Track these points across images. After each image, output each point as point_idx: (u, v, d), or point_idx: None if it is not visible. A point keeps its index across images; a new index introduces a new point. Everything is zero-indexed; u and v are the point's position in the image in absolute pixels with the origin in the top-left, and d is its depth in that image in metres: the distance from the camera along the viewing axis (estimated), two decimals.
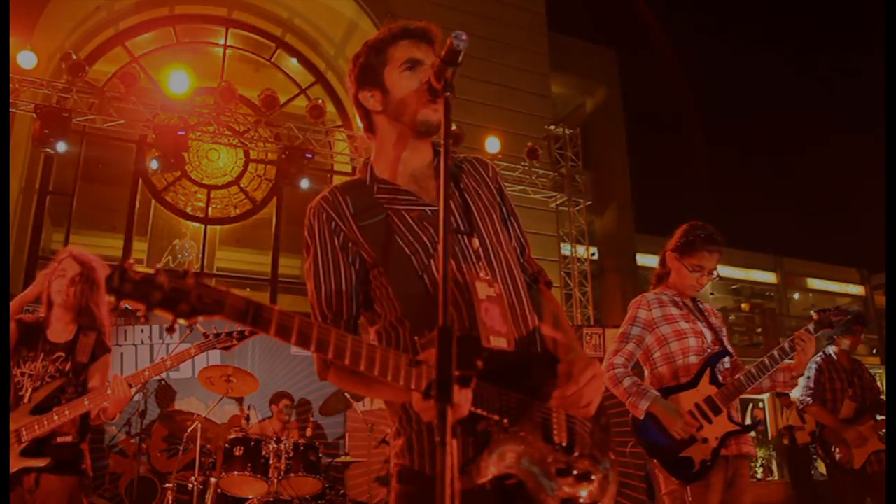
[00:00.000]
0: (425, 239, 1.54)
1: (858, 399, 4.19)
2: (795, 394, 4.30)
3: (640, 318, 2.90)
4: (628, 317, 2.96)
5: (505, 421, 1.41)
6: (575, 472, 1.50)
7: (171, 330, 1.16)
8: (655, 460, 2.81)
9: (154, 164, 7.76)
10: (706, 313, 2.99)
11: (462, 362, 1.23)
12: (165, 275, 1.11)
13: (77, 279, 2.95)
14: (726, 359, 2.86)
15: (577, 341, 1.64)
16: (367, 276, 1.59)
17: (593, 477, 1.53)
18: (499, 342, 1.46)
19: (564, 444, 1.51)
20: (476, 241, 1.58)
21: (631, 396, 2.79)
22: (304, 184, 8.22)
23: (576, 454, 1.52)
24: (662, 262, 3.02)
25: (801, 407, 4.36)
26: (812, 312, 2.96)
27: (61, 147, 7.22)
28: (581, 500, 1.50)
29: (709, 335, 2.88)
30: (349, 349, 1.25)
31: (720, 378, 2.79)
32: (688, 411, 2.72)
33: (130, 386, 2.83)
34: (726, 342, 2.93)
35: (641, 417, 2.76)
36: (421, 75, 1.57)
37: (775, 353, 2.76)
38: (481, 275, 1.54)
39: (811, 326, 2.83)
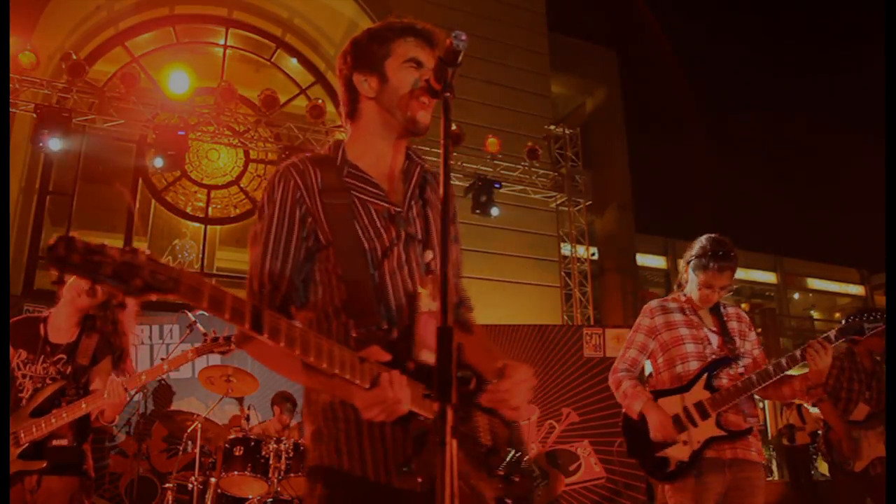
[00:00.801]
0: (385, 237, 1.52)
1: (874, 403, 4.12)
2: None
3: (643, 326, 3.00)
4: (635, 324, 3.06)
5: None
6: (501, 473, 1.51)
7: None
8: (636, 460, 2.90)
9: (159, 162, 7.72)
10: (726, 318, 2.97)
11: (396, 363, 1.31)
12: (115, 249, 1.07)
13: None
14: (734, 363, 2.85)
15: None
16: (315, 256, 1.54)
17: (516, 479, 1.55)
18: (429, 357, 1.40)
19: (490, 446, 1.52)
20: (429, 254, 1.57)
21: (626, 399, 2.89)
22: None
23: (501, 455, 1.53)
24: (681, 271, 3.06)
25: (813, 402, 4.32)
26: (844, 319, 2.84)
27: (54, 144, 7.17)
28: (507, 500, 1.51)
29: (715, 341, 2.89)
30: (299, 339, 1.25)
31: (722, 383, 2.80)
32: (673, 415, 2.77)
33: (126, 390, 2.83)
34: (745, 348, 2.92)
35: (636, 419, 2.84)
36: (422, 75, 1.54)
37: (783, 360, 2.73)
38: (428, 288, 1.52)
39: (832, 333, 2.74)
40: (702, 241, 2.95)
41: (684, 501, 2.69)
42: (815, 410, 8.64)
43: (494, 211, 8.95)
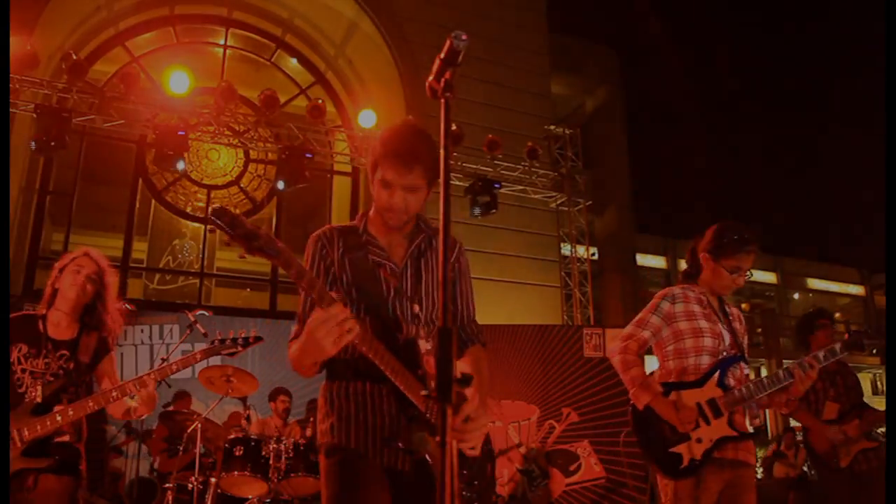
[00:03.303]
0: (383, 287, 1.95)
1: (842, 400, 4.17)
2: None
3: (663, 309, 2.86)
4: (650, 304, 2.92)
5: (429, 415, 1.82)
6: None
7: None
8: (645, 454, 2.81)
9: (181, 164, 7.63)
10: (731, 317, 2.94)
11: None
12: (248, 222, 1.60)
13: (93, 277, 2.96)
14: (742, 364, 2.83)
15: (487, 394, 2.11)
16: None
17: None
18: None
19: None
20: (417, 307, 1.96)
21: (635, 387, 2.78)
22: (280, 185, 8.18)
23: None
24: (694, 261, 2.97)
25: (789, 412, 4.35)
26: (847, 333, 2.87)
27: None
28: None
29: (727, 338, 2.85)
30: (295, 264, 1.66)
31: (730, 382, 2.76)
32: (689, 408, 2.70)
33: (156, 381, 2.88)
34: (745, 349, 2.89)
35: (641, 409, 2.75)
36: (391, 192, 1.91)
37: (780, 373, 2.73)
38: (421, 333, 1.94)
39: (831, 349, 2.76)
40: (718, 228, 2.89)
41: (690, 499, 2.65)
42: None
43: (491, 209, 8.93)
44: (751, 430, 2.77)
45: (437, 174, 1.91)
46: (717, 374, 2.73)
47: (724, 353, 2.80)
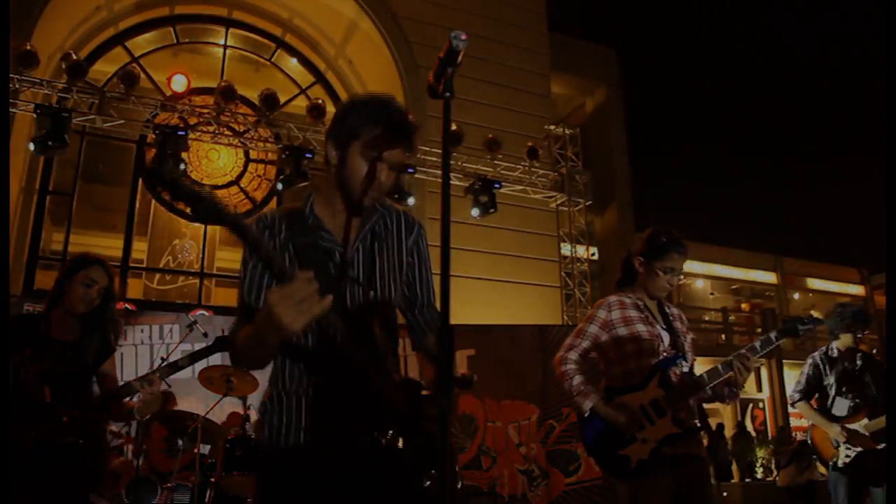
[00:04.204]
0: (332, 273, 1.78)
1: (855, 396, 4.08)
2: (788, 391, 4.24)
3: (599, 318, 2.97)
4: (589, 314, 3.03)
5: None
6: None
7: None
8: (593, 459, 2.88)
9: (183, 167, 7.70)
10: (671, 317, 3.02)
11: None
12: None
13: (103, 290, 2.95)
14: (682, 363, 2.89)
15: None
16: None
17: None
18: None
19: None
20: (371, 294, 1.81)
21: (577, 395, 2.86)
22: (280, 185, 8.22)
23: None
24: (628, 268, 3.07)
25: (791, 403, 4.32)
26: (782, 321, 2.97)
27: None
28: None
29: (667, 339, 2.92)
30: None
31: (672, 381, 2.82)
32: (632, 411, 2.78)
33: (163, 381, 2.89)
34: (687, 347, 2.96)
35: (586, 415, 2.83)
36: (385, 171, 1.76)
37: (719, 367, 2.79)
38: (376, 321, 1.77)
39: (766, 338, 2.86)
40: (650, 232, 3.00)
41: (645, 499, 2.72)
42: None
43: (491, 210, 8.93)
44: (698, 424, 2.83)
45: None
46: (658, 375, 2.80)
47: (664, 354, 2.87)
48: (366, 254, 1.84)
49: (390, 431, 1.63)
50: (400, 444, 1.64)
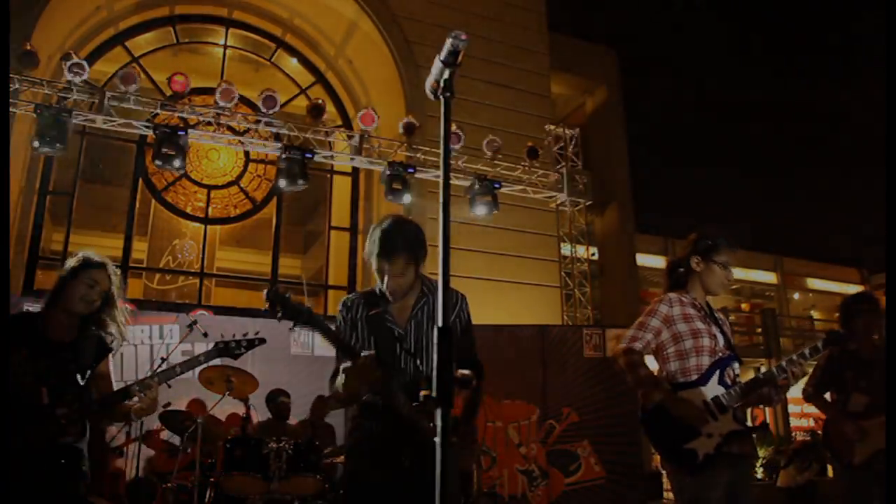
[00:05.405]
0: (393, 345, 2.43)
1: (872, 393, 3.85)
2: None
3: (661, 312, 2.99)
4: (649, 309, 3.04)
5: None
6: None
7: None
8: (659, 452, 2.94)
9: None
10: (720, 321, 3.08)
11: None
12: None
13: (105, 292, 2.94)
14: (735, 364, 2.97)
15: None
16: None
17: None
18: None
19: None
20: (419, 362, 2.41)
21: (644, 386, 2.90)
22: (280, 185, 8.23)
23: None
24: (677, 268, 3.11)
25: (804, 398, 4.20)
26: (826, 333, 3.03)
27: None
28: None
29: (721, 339, 2.99)
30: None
31: (727, 381, 2.89)
32: (698, 405, 2.83)
33: (159, 384, 2.89)
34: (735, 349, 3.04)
35: (651, 408, 2.87)
36: (385, 278, 2.43)
37: (774, 370, 2.86)
38: (422, 384, 2.17)
39: (813, 346, 2.92)
40: (703, 232, 3.09)
41: (704, 493, 2.74)
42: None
43: (491, 210, 8.93)
44: (757, 423, 2.91)
45: (419, 256, 2.42)
46: (717, 373, 2.87)
47: (721, 354, 2.93)
48: (415, 331, 2.46)
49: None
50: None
